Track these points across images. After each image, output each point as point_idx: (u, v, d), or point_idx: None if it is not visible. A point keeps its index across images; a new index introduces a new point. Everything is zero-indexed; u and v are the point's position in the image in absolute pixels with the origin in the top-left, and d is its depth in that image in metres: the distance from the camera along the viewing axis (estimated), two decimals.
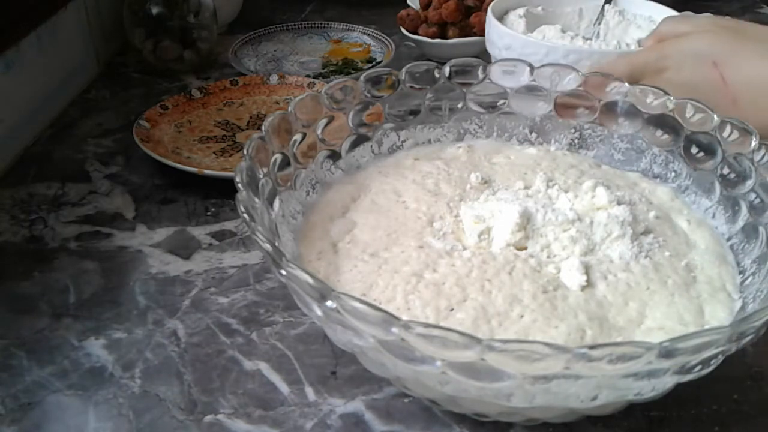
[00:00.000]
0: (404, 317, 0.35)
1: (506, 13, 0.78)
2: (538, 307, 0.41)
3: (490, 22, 0.73)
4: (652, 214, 0.49)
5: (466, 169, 0.54)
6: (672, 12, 0.75)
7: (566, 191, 0.50)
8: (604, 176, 0.53)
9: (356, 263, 0.45)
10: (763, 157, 0.47)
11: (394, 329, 0.33)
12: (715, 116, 0.50)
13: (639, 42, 0.70)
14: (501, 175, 0.53)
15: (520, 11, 0.76)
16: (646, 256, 0.45)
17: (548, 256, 0.45)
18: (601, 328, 0.41)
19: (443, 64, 0.55)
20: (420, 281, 0.43)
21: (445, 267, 0.44)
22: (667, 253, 0.46)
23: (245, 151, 0.44)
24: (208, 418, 0.44)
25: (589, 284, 0.43)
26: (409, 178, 0.53)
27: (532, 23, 0.75)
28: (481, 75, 0.56)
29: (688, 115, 0.51)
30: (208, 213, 0.63)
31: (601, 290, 0.43)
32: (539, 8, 0.78)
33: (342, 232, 0.48)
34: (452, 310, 0.41)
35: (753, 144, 0.47)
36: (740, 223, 0.48)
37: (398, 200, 0.51)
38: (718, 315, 0.42)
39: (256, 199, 0.42)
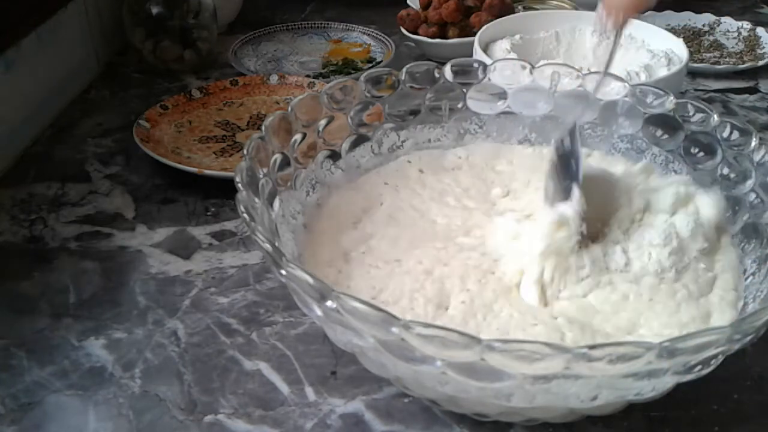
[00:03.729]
0: (408, 316, 0.35)
1: (492, 42, 0.79)
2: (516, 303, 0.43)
3: (477, 52, 0.74)
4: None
5: (478, 180, 0.54)
6: (663, 32, 0.76)
7: None
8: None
9: (369, 270, 0.46)
10: (763, 157, 0.47)
11: (394, 329, 0.33)
12: (715, 116, 0.50)
13: (647, 67, 0.71)
14: (520, 183, 0.53)
15: (506, 44, 0.77)
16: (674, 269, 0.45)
17: None
18: (582, 331, 0.41)
19: (443, 64, 0.55)
20: (428, 278, 0.44)
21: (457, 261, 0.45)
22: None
23: (245, 151, 0.44)
24: (208, 418, 0.44)
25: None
26: (425, 195, 0.53)
27: (517, 53, 0.76)
28: (481, 75, 0.56)
29: (688, 115, 0.51)
30: (208, 213, 0.63)
31: (588, 299, 0.43)
32: (517, 36, 0.79)
33: (356, 241, 0.48)
34: (447, 309, 0.42)
35: (753, 144, 0.47)
36: (740, 223, 0.48)
37: (421, 217, 0.51)
38: (726, 317, 0.43)
39: (256, 199, 0.42)
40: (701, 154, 0.51)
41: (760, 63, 0.89)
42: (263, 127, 0.47)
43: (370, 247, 0.48)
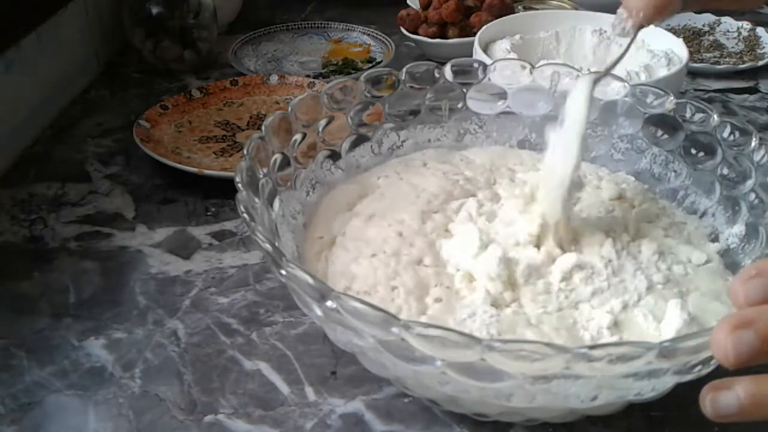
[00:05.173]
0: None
1: (492, 42, 0.79)
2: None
3: (477, 52, 0.74)
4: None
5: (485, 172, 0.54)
6: (663, 31, 0.76)
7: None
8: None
9: (345, 253, 0.46)
10: (763, 157, 0.47)
11: (394, 329, 0.33)
12: (715, 116, 0.50)
13: (647, 67, 0.70)
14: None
15: (506, 44, 0.77)
16: None
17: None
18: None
19: (443, 64, 0.55)
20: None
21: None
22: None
23: (245, 151, 0.44)
24: (208, 418, 0.44)
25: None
26: (427, 174, 0.53)
27: (517, 53, 0.76)
28: (481, 75, 0.56)
29: (688, 115, 0.51)
30: (208, 213, 0.63)
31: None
32: (517, 36, 0.79)
33: (341, 225, 0.49)
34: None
35: (753, 144, 0.47)
36: (740, 223, 0.48)
37: (415, 191, 0.51)
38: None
39: (256, 199, 0.42)
40: (701, 154, 0.51)
41: (760, 63, 0.89)
42: (263, 127, 0.47)
43: (349, 227, 0.48)
